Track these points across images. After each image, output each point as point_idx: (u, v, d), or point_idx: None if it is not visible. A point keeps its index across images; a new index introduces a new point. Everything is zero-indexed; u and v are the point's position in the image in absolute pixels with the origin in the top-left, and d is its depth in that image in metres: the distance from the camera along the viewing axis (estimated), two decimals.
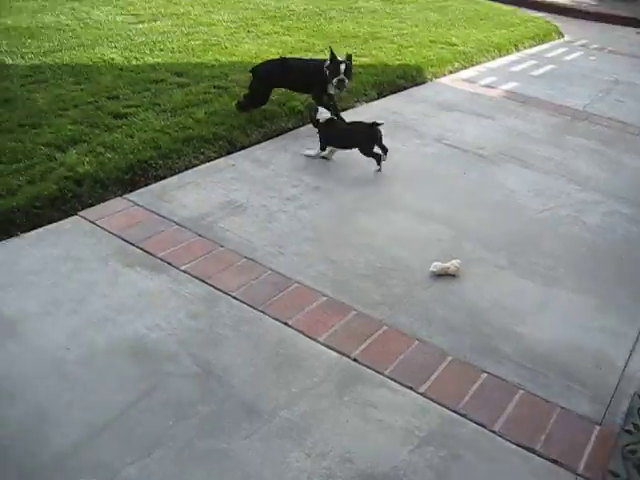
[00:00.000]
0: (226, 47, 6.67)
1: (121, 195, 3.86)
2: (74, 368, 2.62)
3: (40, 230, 3.48)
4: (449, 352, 2.92)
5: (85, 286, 3.08)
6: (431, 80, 6.79)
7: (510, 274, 3.56)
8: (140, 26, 7.11)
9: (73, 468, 2.22)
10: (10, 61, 5.57)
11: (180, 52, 6.35)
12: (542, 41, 9.69)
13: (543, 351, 3.00)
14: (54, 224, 3.55)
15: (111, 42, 6.40)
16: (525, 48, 9.11)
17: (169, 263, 3.27)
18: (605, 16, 12.63)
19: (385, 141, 4.45)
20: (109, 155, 4.16)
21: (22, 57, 5.69)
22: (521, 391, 2.75)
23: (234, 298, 3.06)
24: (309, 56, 6.70)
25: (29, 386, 2.52)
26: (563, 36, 10.37)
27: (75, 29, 6.68)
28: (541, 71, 8.04)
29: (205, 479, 2.20)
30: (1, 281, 3.06)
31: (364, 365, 2.78)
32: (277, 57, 5.40)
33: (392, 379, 2.73)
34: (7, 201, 3.59)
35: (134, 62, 5.93)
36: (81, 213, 3.65)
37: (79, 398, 2.49)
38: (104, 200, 3.80)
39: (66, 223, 3.56)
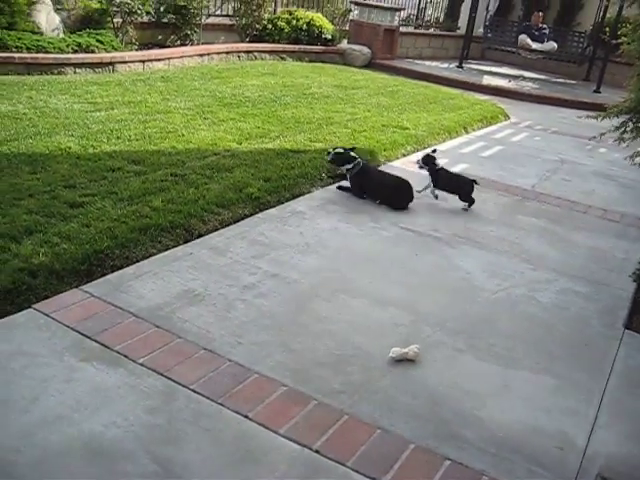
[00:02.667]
0: (183, 134, 6.76)
1: (77, 286, 3.81)
2: (25, 472, 2.52)
3: None
4: (411, 440, 2.90)
5: (39, 383, 2.99)
6: (384, 163, 6.96)
7: (469, 357, 3.58)
8: (97, 114, 7.18)
9: None
10: None
11: (137, 140, 6.41)
12: (489, 123, 10.07)
13: (505, 435, 3.01)
14: (6, 318, 3.46)
15: (68, 130, 6.44)
16: (474, 130, 9.45)
17: (126, 356, 3.21)
18: (547, 98, 13.26)
19: (341, 226, 4.51)
20: (65, 245, 4.12)
21: None
22: (485, 477, 2.74)
23: (193, 391, 3.01)
24: (265, 142, 6.87)
25: None
26: (509, 118, 10.81)
27: (32, 118, 6.70)
28: (490, 152, 8.33)
29: None
30: None
31: (326, 457, 2.73)
32: None
33: (355, 470, 2.69)
34: None
35: (91, 150, 5.96)
36: (35, 306, 3.58)
37: None
38: (59, 292, 3.74)
39: (20, 317, 3.48)
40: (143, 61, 10.26)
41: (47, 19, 9.89)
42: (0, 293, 3.59)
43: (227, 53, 12.15)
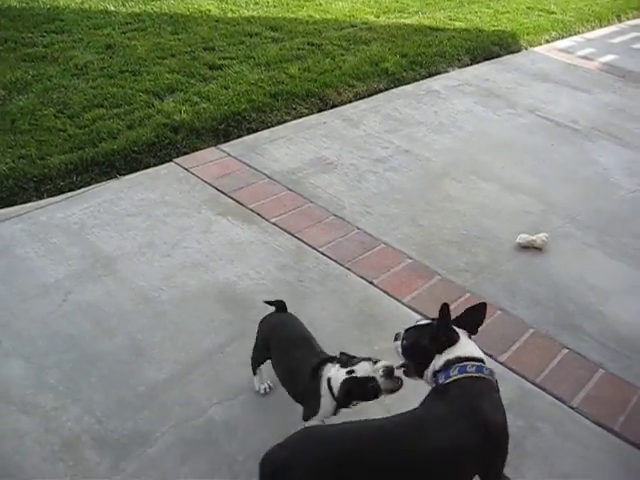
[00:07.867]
0: (320, 4, 6.64)
1: (215, 145, 3.97)
2: (167, 308, 2.75)
3: (138, 174, 3.62)
4: (531, 324, 2.91)
5: (179, 231, 3.20)
6: (526, 48, 6.59)
7: (598, 253, 3.49)
8: None
9: (165, 401, 2.35)
10: (112, 8, 5.72)
11: (275, 6, 6.37)
12: None
13: (627, 333, 2.96)
14: (151, 169, 3.69)
15: None
16: (628, 19, 8.66)
17: (259, 214, 3.36)
18: None
19: (477, 109, 4.38)
20: (204, 105, 4.26)
21: (123, 4, 5.83)
22: (602, 370, 2.73)
23: (322, 254, 3.13)
24: (403, 17, 6.63)
25: (126, 322, 2.66)
26: None
27: None
28: None
29: (283, 426, 2.25)
30: (102, 220, 3.22)
31: None
32: None
33: None
34: (108, 144, 3.74)
35: (230, 14, 5.99)
36: (176, 160, 3.77)
37: (171, 337, 2.62)
38: (198, 149, 3.91)
39: (162, 169, 3.70)
40: None
41: None
42: (145, 145, 3.81)
43: None
